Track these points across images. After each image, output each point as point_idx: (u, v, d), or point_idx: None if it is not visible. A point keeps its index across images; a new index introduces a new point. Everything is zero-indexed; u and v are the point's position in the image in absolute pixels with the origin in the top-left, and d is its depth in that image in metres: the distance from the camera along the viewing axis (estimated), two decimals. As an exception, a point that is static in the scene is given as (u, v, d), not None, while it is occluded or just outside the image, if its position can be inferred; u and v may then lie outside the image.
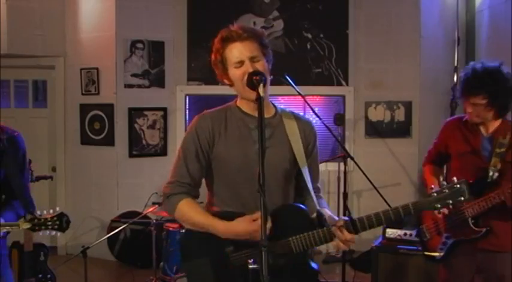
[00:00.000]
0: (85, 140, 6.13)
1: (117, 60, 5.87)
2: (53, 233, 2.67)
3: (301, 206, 2.28)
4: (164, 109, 6.16)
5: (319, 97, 6.32)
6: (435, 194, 2.13)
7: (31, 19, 5.92)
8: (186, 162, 2.29)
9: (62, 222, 2.67)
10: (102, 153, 6.03)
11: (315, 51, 6.20)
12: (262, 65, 2.23)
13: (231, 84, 2.31)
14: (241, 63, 2.22)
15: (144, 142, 6.09)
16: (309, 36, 6.20)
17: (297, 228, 2.19)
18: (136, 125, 6.04)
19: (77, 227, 6.17)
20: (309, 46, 6.21)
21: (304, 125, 2.39)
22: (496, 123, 3.01)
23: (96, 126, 6.05)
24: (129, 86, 5.97)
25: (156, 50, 6.07)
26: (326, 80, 6.18)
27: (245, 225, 2.12)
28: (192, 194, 2.30)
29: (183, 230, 4.28)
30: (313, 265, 2.28)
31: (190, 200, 2.28)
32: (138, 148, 6.06)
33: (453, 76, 5.88)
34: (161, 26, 6.10)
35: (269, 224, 2.07)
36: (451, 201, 2.12)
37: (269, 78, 2.27)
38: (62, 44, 6.14)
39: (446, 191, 2.12)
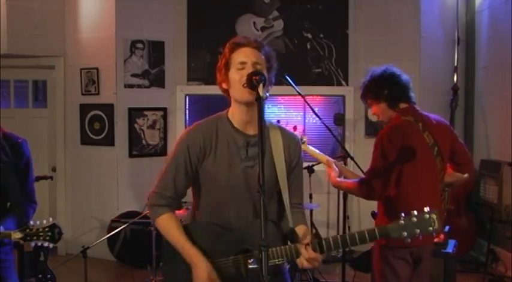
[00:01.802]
0: (85, 140, 6.13)
1: (117, 60, 5.87)
2: (45, 244, 2.66)
3: (274, 223, 2.28)
4: (164, 109, 6.16)
5: (319, 97, 6.31)
6: (402, 222, 2.05)
7: (31, 19, 5.92)
8: (173, 175, 2.31)
9: (54, 233, 2.67)
10: (102, 153, 6.03)
11: (315, 51, 6.20)
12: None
13: (227, 89, 2.29)
14: (243, 64, 2.21)
15: (144, 142, 6.09)
16: (309, 36, 6.20)
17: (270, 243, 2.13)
18: (136, 125, 6.04)
19: (77, 227, 6.17)
20: (309, 46, 6.21)
21: (289, 140, 2.37)
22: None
23: (96, 126, 6.05)
24: (129, 86, 5.96)
25: (156, 50, 6.07)
26: (326, 80, 6.18)
27: (205, 279, 2.18)
28: (173, 206, 2.35)
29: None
30: (285, 276, 2.34)
31: (169, 216, 2.32)
32: (138, 148, 6.06)
33: (453, 76, 5.88)
34: (161, 26, 6.10)
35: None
36: (419, 231, 2.03)
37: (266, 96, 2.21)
38: (62, 44, 6.14)
39: (415, 219, 2.03)
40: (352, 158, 4.15)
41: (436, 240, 3.30)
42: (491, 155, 5.75)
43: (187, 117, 6.28)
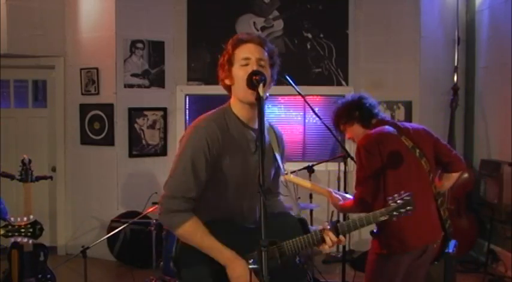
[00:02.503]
0: (85, 140, 6.13)
1: (117, 60, 5.87)
2: (25, 239, 2.72)
3: (287, 213, 2.45)
4: (164, 109, 6.16)
5: (319, 97, 6.31)
6: (393, 204, 2.33)
7: (31, 19, 5.91)
8: (194, 173, 2.16)
9: (35, 229, 2.71)
10: (102, 153, 6.03)
11: (315, 51, 6.20)
12: (266, 72, 2.22)
13: (230, 85, 2.28)
14: (247, 60, 2.21)
15: (144, 142, 6.08)
16: (309, 36, 6.20)
17: (287, 234, 2.28)
18: (136, 125, 6.04)
19: (76, 227, 6.17)
20: (309, 46, 6.21)
21: (278, 134, 2.49)
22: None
23: (96, 126, 6.05)
24: (129, 86, 5.96)
25: (156, 50, 6.07)
26: (326, 80, 6.18)
27: (244, 276, 2.17)
28: (194, 210, 2.21)
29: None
30: (300, 262, 2.37)
31: (196, 221, 2.18)
32: (138, 148, 6.06)
33: (453, 76, 5.88)
34: (161, 25, 6.10)
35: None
36: (403, 210, 2.33)
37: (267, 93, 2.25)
38: (62, 44, 6.14)
39: (400, 201, 2.34)
40: (352, 158, 4.13)
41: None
42: (492, 155, 5.74)
43: (187, 117, 6.28)
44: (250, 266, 2.16)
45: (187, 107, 6.29)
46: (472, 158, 6.13)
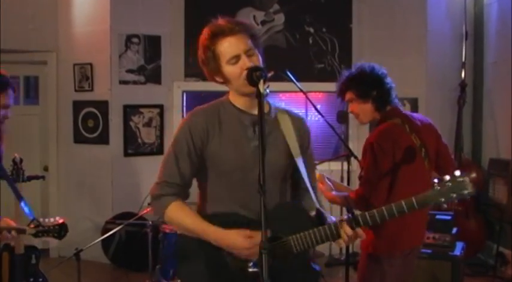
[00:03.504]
0: (78, 138, 6.13)
1: (111, 55, 5.86)
2: (50, 239, 2.98)
3: (298, 203, 2.29)
4: (160, 106, 6.15)
5: (321, 94, 6.31)
6: (438, 188, 2.11)
7: (22, 12, 5.91)
8: (176, 161, 2.26)
9: (61, 230, 2.99)
10: (96, 152, 6.03)
11: (317, 46, 6.19)
12: (257, 58, 2.21)
13: (224, 82, 2.28)
14: (237, 58, 2.18)
15: (139, 140, 6.08)
16: (311, 30, 6.20)
17: (296, 227, 2.16)
18: (131, 123, 6.04)
19: (70, 228, 6.15)
20: (311, 41, 6.20)
21: (298, 122, 2.36)
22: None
23: (89, 124, 6.05)
24: (124, 82, 5.96)
25: (152, 45, 6.06)
26: (329, 76, 6.17)
27: (242, 241, 2.10)
28: (181, 195, 2.27)
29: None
30: (314, 266, 2.26)
31: (180, 203, 2.24)
32: (133, 147, 6.06)
33: (461, 72, 5.88)
34: (157, 19, 6.09)
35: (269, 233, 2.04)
36: (455, 195, 2.11)
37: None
38: (55, 39, 6.14)
39: (449, 184, 2.11)
40: (355, 157, 4.14)
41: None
42: (501, 154, 5.74)
43: (184, 114, 6.27)
44: (250, 270, 2.15)
45: (184, 104, 6.28)
46: (481, 157, 6.13)
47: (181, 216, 2.23)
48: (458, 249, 4.21)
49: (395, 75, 6.25)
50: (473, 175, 3.31)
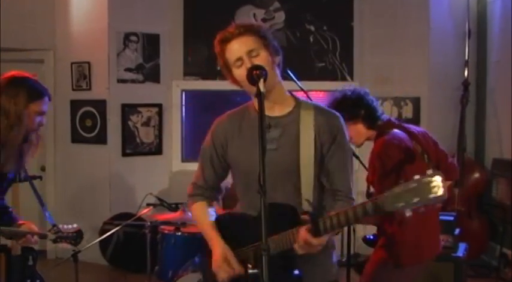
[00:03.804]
0: (76, 138, 6.13)
1: (109, 53, 5.86)
2: (69, 246, 3.29)
3: (286, 204, 2.21)
4: (159, 105, 6.15)
5: (322, 93, 6.31)
6: (397, 190, 1.82)
7: (19, 10, 5.90)
8: (201, 166, 2.48)
9: (78, 237, 3.23)
10: (94, 152, 6.03)
11: (318, 45, 6.19)
12: (263, 58, 2.20)
13: (240, 86, 2.30)
14: (240, 60, 2.21)
15: (138, 140, 6.08)
16: (312, 28, 6.19)
17: (274, 229, 2.10)
18: (130, 122, 6.03)
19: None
20: (311, 39, 6.20)
21: (322, 120, 2.28)
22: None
23: (87, 124, 6.05)
24: (122, 81, 5.96)
25: (150, 43, 6.06)
26: (330, 75, 6.18)
27: (217, 260, 2.24)
28: (207, 196, 2.48)
29: (179, 233, 4.30)
30: (295, 271, 2.18)
31: (202, 205, 2.47)
32: (131, 146, 6.06)
33: (464, 71, 5.87)
34: (156, 17, 6.09)
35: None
36: (417, 199, 1.77)
37: (277, 71, 2.28)
38: (52, 37, 6.13)
39: (414, 185, 1.78)
40: (357, 158, 4.14)
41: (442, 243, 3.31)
42: (504, 154, 5.74)
43: (183, 113, 6.27)
44: (250, 271, 2.15)
45: (183, 103, 6.28)
46: (484, 157, 6.12)
47: (197, 217, 2.49)
48: (461, 250, 4.20)
49: (397, 74, 6.31)
50: (477, 175, 3.33)
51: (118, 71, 5.94)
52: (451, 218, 4.32)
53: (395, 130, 3.06)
